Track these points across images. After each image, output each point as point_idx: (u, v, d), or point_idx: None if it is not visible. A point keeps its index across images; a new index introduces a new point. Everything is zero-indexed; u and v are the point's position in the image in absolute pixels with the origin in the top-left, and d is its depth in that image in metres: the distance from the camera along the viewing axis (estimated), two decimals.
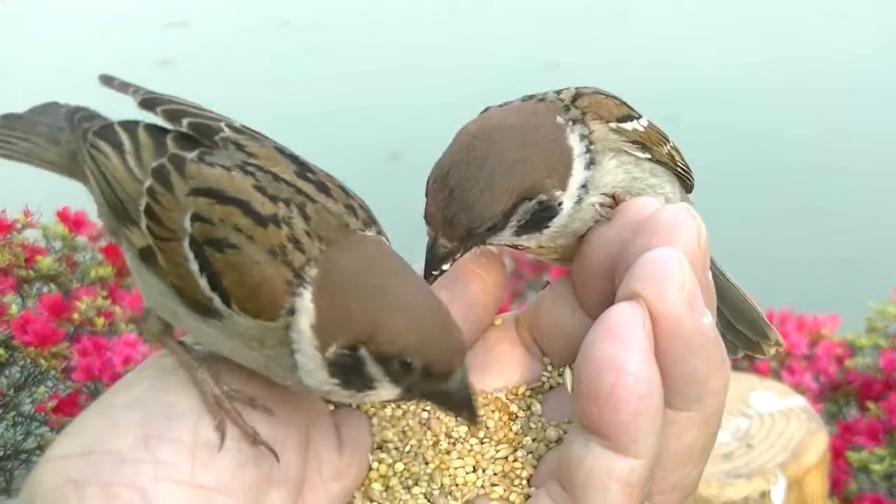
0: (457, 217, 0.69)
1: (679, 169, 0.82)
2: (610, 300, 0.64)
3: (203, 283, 0.64)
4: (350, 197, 0.68)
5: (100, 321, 2.12)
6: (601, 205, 0.74)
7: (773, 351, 0.89)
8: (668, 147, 0.81)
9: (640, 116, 0.79)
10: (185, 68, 7.34)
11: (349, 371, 0.62)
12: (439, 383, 0.62)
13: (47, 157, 0.76)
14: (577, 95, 0.76)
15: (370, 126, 6.09)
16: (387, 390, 0.63)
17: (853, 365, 2.63)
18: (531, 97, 0.78)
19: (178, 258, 0.65)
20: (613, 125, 0.75)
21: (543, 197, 0.71)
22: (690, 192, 0.86)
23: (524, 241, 0.74)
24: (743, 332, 0.88)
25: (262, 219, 0.64)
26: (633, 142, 0.76)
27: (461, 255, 0.71)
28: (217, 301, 0.63)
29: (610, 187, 0.75)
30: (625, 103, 0.79)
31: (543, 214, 0.71)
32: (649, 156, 0.78)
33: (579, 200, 0.73)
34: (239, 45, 7.77)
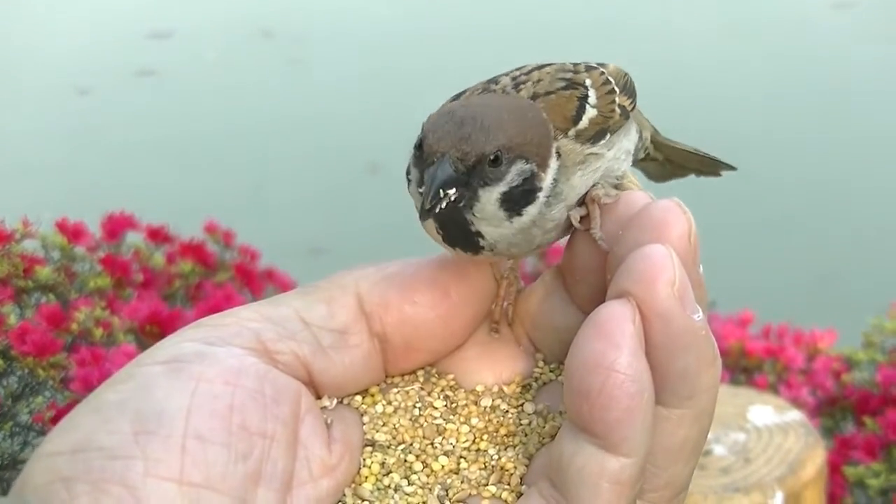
0: (473, 135, 0.66)
1: (629, 109, 0.81)
2: (602, 295, 0.64)
3: None
4: None
5: (98, 332, 2.11)
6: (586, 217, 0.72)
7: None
8: (616, 102, 0.79)
9: (586, 91, 0.77)
10: (167, 79, 7.33)
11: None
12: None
13: None
14: (534, 98, 0.75)
15: (350, 138, 6.09)
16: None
17: (850, 380, 2.64)
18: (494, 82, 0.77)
19: None
20: (572, 132, 0.74)
21: (534, 166, 0.70)
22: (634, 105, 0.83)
23: (496, 225, 0.70)
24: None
25: None
26: (593, 137, 0.75)
27: (460, 200, 0.67)
28: None
29: (576, 196, 0.74)
30: (570, 79, 0.77)
31: (527, 188, 0.70)
32: (609, 138, 0.76)
33: (548, 203, 0.72)
34: (221, 56, 7.76)
